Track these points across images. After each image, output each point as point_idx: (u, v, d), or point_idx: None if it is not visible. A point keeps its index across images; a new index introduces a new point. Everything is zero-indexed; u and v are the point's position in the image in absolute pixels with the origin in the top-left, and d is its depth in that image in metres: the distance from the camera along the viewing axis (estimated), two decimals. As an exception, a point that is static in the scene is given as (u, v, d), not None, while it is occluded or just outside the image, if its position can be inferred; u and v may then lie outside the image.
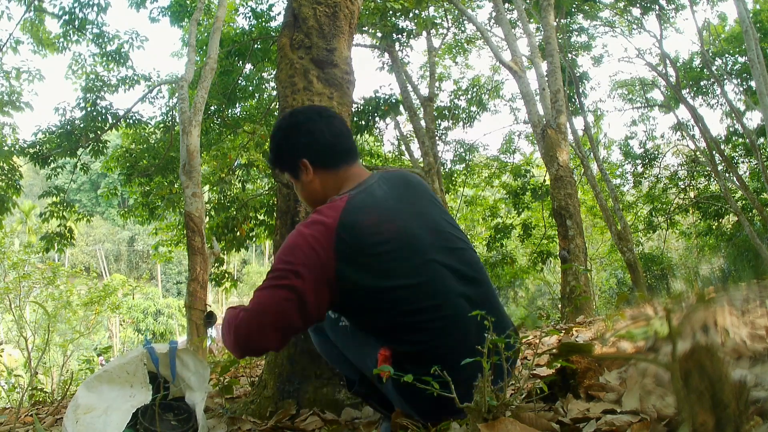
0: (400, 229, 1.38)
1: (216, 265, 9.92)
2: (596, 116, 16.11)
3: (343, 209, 1.36)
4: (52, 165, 9.37)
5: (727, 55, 14.23)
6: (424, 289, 1.34)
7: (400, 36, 9.97)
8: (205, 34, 9.49)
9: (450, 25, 13.45)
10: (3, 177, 9.11)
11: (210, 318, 5.98)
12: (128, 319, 27.04)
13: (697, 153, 14.52)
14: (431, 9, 11.85)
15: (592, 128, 14.22)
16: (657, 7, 12.73)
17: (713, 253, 18.16)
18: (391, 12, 9.38)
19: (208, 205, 10.32)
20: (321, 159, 1.52)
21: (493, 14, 11.81)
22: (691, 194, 15.29)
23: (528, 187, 13.64)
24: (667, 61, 13.37)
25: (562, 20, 12.14)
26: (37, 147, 9.19)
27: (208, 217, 10.03)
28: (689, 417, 0.80)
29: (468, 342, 1.29)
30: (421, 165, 11.25)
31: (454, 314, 1.35)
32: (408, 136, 13.51)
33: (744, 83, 13.95)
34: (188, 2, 9.95)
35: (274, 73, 9.62)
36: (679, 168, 15.60)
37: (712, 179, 14.73)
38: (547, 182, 8.92)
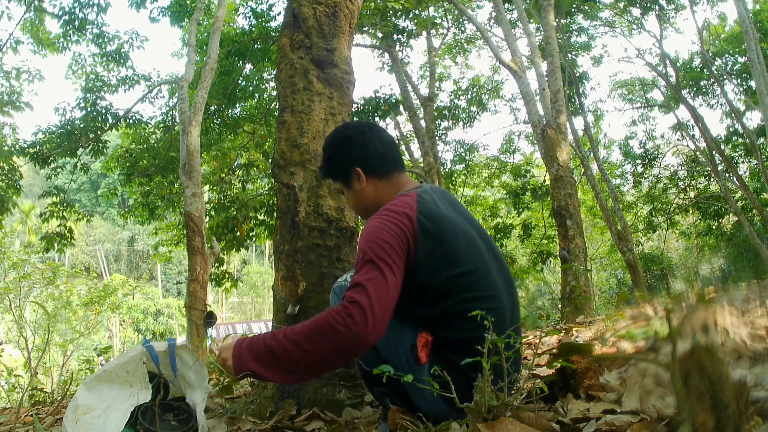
0: (460, 224, 1.50)
1: (216, 265, 9.92)
2: (596, 116, 16.12)
3: (418, 201, 1.47)
4: (52, 165, 9.37)
5: (727, 55, 14.23)
6: (483, 280, 1.45)
7: (400, 36, 9.97)
8: (205, 34, 9.48)
9: (450, 25, 13.46)
10: (3, 177, 9.11)
11: (210, 318, 5.97)
12: (128, 319, 27.04)
13: (697, 153, 14.53)
14: (431, 9, 11.85)
15: (592, 128, 14.22)
16: (657, 7, 12.73)
17: (713, 253, 18.16)
18: (391, 12, 9.38)
19: (208, 205, 10.32)
20: (373, 167, 1.62)
21: (493, 14, 11.82)
22: (691, 194, 15.29)
23: (528, 187, 13.64)
24: (667, 61, 13.37)
25: (562, 20, 12.14)
26: (37, 147, 9.19)
27: (208, 217, 10.03)
28: (689, 417, 0.80)
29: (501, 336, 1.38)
30: (421, 165, 11.25)
31: (500, 309, 1.45)
32: (408, 136, 13.52)
33: (744, 83, 13.95)
34: (188, 2, 9.94)
35: (274, 73, 9.61)
36: (679, 168, 15.61)
37: (712, 179, 14.73)
38: (547, 182, 8.92)
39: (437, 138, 12.84)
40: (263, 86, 11.18)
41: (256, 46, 9.75)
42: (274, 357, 1.35)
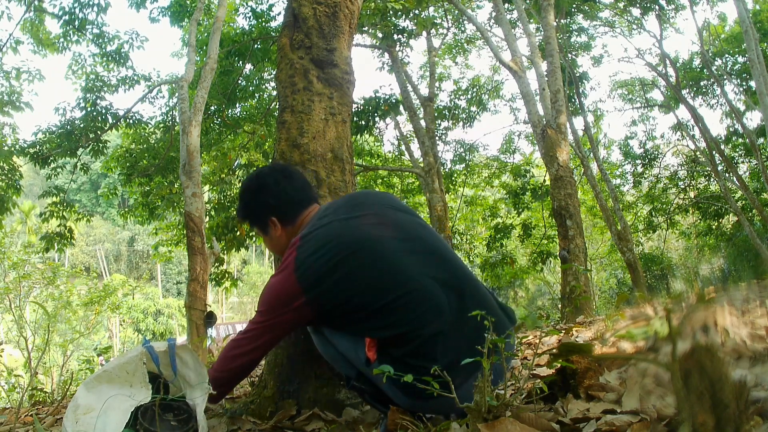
0: (352, 241, 1.56)
1: (216, 265, 9.93)
2: (596, 116, 16.12)
3: (295, 259, 1.57)
4: (52, 165, 9.37)
5: (727, 55, 14.23)
6: (387, 286, 1.51)
7: (400, 36, 9.97)
8: (205, 34, 9.48)
9: (450, 25, 13.46)
10: (3, 177, 9.11)
11: (210, 318, 5.97)
12: (128, 319, 27.05)
13: (697, 153, 14.52)
14: (431, 9, 11.85)
15: (592, 128, 14.22)
16: (657, 7, 12.73)
17: (713, 253, 18.17)
18: (391, 12, 9.38)
19: (208, 205, 10.32)
20: (287, 216, 1.75)
21: (493, 14, 11.81)
22: (691, 194, 15.29)
23: (528, 187, 13.64)
24: (667, 61, 13.37)
25: (562, 20, 12.14)
26: (37, 147, 9.19)
27: (208, 217, 10.03)
28: (689, 417, 0.80)
29: (443, 317, 1.47)
30: (421, 165, 11.26)
31: (422, 291, 1.50)
32: (408, 136, 13.52)
33: (744, 83, 13.95)
34: (188, 2, 9.94)
35: (274, 73, 9.61)
36: (679, 168, 15.61)
37: (712, 179, 14.73)
38: (547, 182, 8.92)
39: (437, 138, 12.84)
40: (263, 86, 11.18)
41: (256, 46, 9.75)
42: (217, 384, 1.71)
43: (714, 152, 13.15)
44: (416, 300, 1.49)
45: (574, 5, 12.40)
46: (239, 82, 10.30)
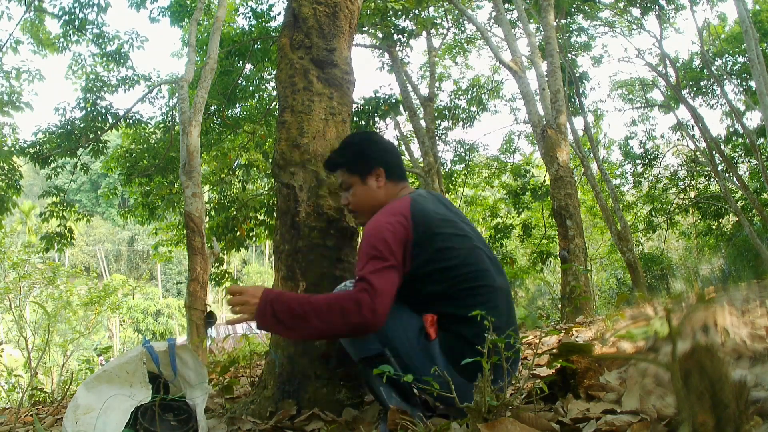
0: (456, 223, 1.71)
1: (216, 265, 9.92)
2: (596, 116, 16.12)
3: (411, 203, 1.67)
4: (52, 165, 9.36)
5: (727, 55, 14.22)
6: (475, 267, 1.64)
7: (400, 36, 9.96)
8: (205, 34, 9.48)
9: (450, 25, 13.45)
10: (3, 177, 9.10)
11: (210, 318, 5.97)
12: (128, 319, 27.04)
13: (697, 153, 14.52)
14: (431, 9, 11.85)
15: (592, 128, 14.21)
16: (657, 7, 12.72)
17: (713, 253, 18.16)
18: (391, 12, 9.38)
19: (208, 205, 10.32)
20: (392, 173, 1.83)
21: (493, 14, 11.81)
22: (691, 194, 15.29)
23: (528, 187, 13.63)
24: (667, 61, 13.37)
25: (562, 20, 12.14)
26: (37, 147, 9.18)
27: (208, 217, 10.03)
28: (689, 417, 0.80)
29: (502, 314, 1.61)
30: (421, 165, 11.25)
31: (494, 288, 1.65)
32: (408, 136, 13.51)
33: (744, 83, 13.95)
34: (188, 2, 9.94)
35: (274, 73, 9.60)
36: (679, 168, 15.61)
37: (712, 179, 14.72)
38: (547, 182, 8.92)
39: (437, 138, 12.84)
40: (263, 86, 11.17)
41: (256, 46, 9.75)
42: (294, 319, 1.55)
43: (714, 152, 13.14)
44: (491, 293, 1.63)
45: (574, 5, 12.39)
46: (239, 82, 10.29)
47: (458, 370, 1.54)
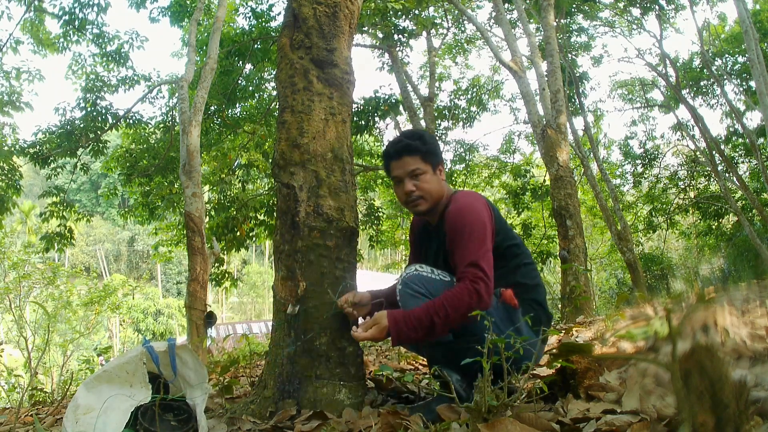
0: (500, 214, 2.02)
1: (216, 265, 9.92)
2: (596, 116, 16.11)
3: (480, 195, 2.00)
4: (52, 165, 9.36)
5: (727, 55, 14.22)
6: (525, 249, 2.02)
7: (400, 36, 9.96)
8: (205, 34, 9.48)
9: (450, 25, 13.45)
10: (3, 177, 9.10)
11: (210, 318, 5.96)
12: (128, 319, 27.02)
13: (697, 153, 14.52)
14: (431, 9, 11.85)
15: (592, 128, 14.21)
16: (657, 7, 12.72)
17: (713, 253, 18.15)
18: (391, 12, 9.37)
19: (208, 205, 10.32)
20: (444, 171, 2.08)
21: (493, 14, 11.81)
22: (691, 194, 15.28)
23: (528, 187, 13.62)
24: (667, 61, 13.37)
25: (562, 20, 12.14)
26: (37, 147, 9.18)
27: (208, 217, 10.02)
28: (689, 417, 0.80)
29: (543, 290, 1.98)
30: (421, 165, 11.24)
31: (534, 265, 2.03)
32: (408, 136, 13.48)
33: (744, 83, 13.94)
34: (188, 2, 9.94)
35: (274, 73, 9.61)
36: (679, 168, 15.60)
37: (712, 179, 14.72)
38: (547, 182, 8.92)
39: (437, 138, 12.82)
40: (263, 86, 11.17)
41: (256, 46, 9.74)
42: (424, 326, 1.73)
43: (714, 152, 13.14)
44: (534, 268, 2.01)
45: (574, 5, 12.39)
46: (239, 82, 10.29)
47: (534, 331, 1.81)
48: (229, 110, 10.54)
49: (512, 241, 1.94)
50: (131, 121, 9.96)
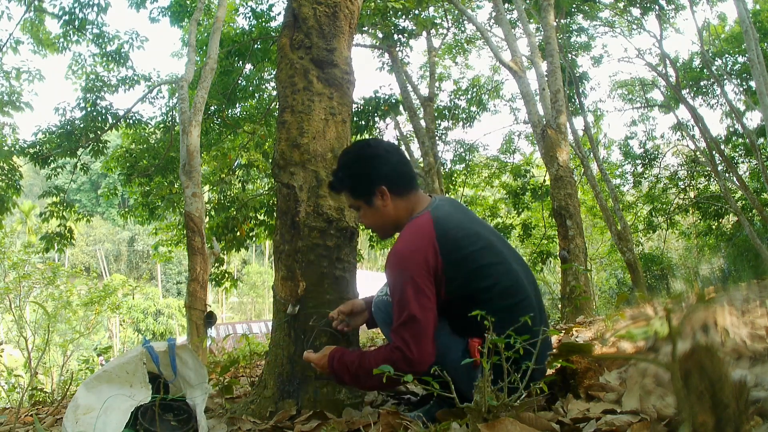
0: (482, 235, 1.63)
1: (216, 265, 9.92)
2: (596, 116, 16.11)
3: (434, 225, 1.59)
4: (52, 165, 9.36)
5: (727, 55, 14.22)
6: (508, 283, 1.59)
7: (400, 36, 9.96)
8: (205, 34, 9.48)
9: (450, 25, 13.45)
10: (3, 177, 9.10)
11: (210, 318, 5.96)
12: (128, 319, 27.02)
13: (697, 153, 14.51)
14: (431, 9, 11.84)
15: (592, 128, 14.21)
16: (657, 7, 12.72)
17: (713, 253, 18.15)
18: (391, 12, 9.37)
19: (208, 205, 10.32)
20: (397, 186, 1.71)
21: (493, 14, 11.81)
22: (691, 194, 15.28)
23: (528, 187, 13.63)
24: (667, 61, 13.36)
25: (562, 20, 12.14)
26: (37, 147, 9.18)
27: (208, 217, 10.02)
28: (689, 417, 0.80)
29: (536, 322, 1.54)
30: (421, 165, 11.25)
31: (527, 297, 1.61)
32: (408, 136, 13.51)
33: (744, 83, 13.94)
34: (188, 2, 9.94)
35: (274, 73, 9.60)
36: (679, 168, 15.60)
37: (712, 179, 14.72)
38: (547, 182, 8.92)
39: (437, 138, 12.83)
40: (263, 86, 11.17)
41: (256, 46, 9.74)
42: (350, 374, 1.64)
43: (714, 152, 13.14)
44: (527, 305, 1.59)
45: (574, 5, 12.39)
46: (239, 82, 10.29)
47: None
48: (229, 110, 10.54)
49: (482, 283, 1.56)
50: (131, 121, 9.96)
